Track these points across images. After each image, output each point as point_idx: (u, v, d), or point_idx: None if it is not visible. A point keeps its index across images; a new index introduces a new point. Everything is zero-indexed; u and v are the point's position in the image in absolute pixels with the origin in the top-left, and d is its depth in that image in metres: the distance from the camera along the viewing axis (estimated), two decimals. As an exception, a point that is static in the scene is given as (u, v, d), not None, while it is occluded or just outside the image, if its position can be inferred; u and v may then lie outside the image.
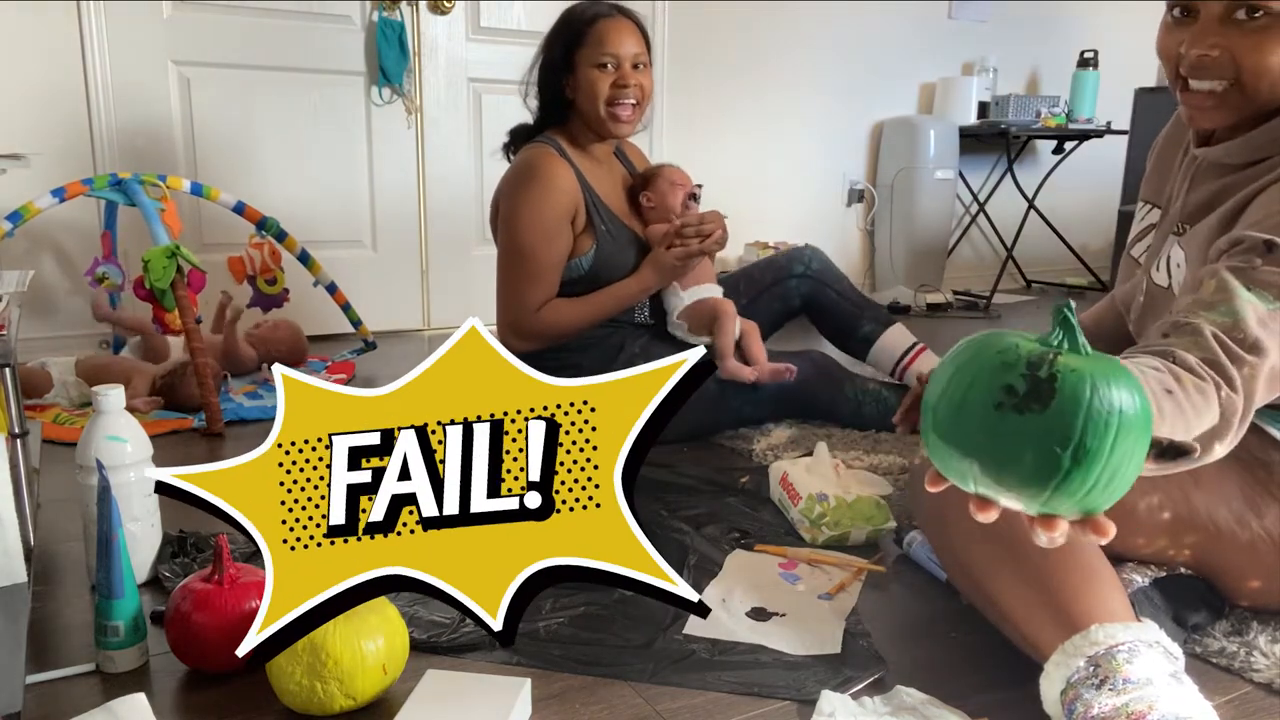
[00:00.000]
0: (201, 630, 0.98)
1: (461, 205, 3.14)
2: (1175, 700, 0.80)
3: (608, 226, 1.83)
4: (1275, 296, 0.85)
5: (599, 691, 0.99)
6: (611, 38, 1.75)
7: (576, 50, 1.77)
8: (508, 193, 1.80)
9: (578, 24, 1.77)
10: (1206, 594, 1.09)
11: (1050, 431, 0.58)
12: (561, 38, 1.79)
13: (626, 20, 1.79)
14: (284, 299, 2.52)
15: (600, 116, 1.77)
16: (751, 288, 2.05)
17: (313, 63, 2.82)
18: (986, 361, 0.62)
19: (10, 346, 1.23)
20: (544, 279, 1.79)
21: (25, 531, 1.18)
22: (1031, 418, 0.59)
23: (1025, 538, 0.96)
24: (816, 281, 2.05)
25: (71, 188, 2.13)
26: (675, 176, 1.92)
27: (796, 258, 2.08)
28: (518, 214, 1.77)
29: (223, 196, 2.38)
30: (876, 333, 2.02)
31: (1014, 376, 0.60)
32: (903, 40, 3.89)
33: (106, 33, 2.53)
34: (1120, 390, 0.60)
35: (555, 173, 1.76)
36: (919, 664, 1.05)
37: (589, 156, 1.86)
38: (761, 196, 3.69)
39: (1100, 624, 0.86)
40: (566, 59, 1.78)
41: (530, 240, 1.77)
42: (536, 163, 1.77)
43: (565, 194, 1.76)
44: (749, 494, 1.58)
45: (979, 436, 0.61)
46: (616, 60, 1.75)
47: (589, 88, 1.76)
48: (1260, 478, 1.03)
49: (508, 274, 1.81)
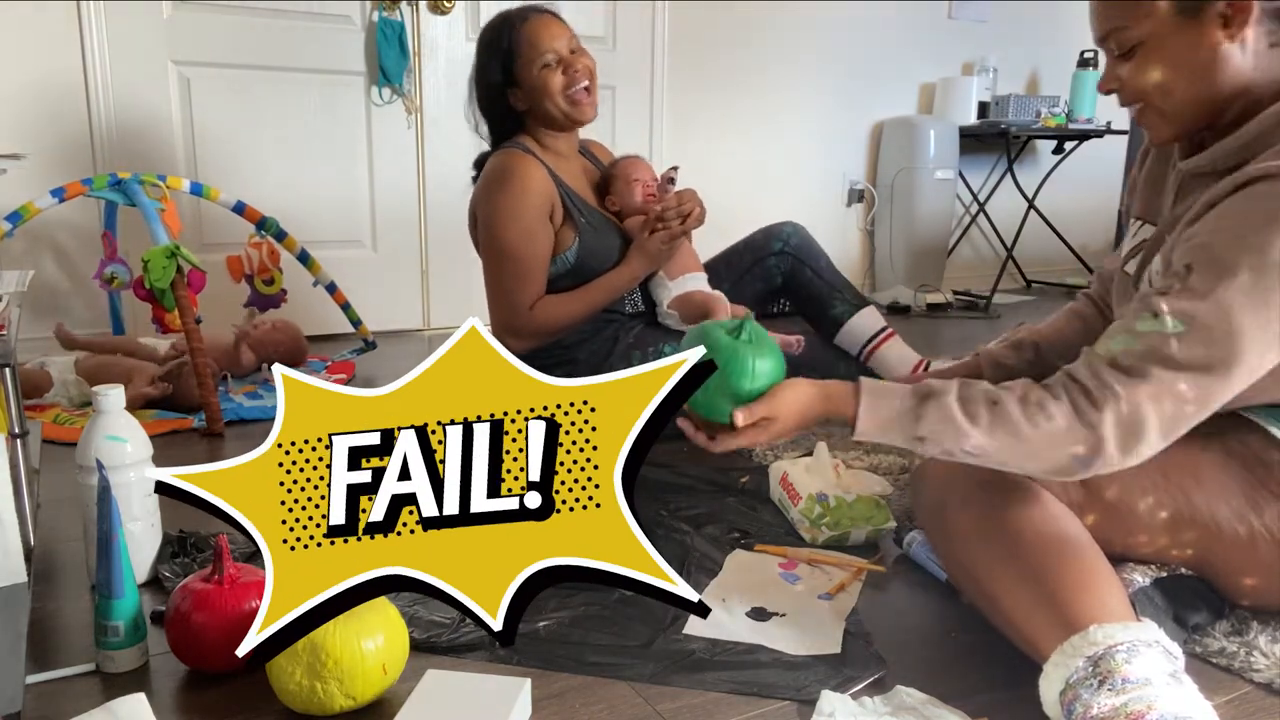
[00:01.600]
0: (201, 630, 0.98)
1: (461, 205, 3.08)
2: (1174, 700, 0.80)
3: (586, 218, 1.84)
4: (1179, 320, 0.90)
5: (599, 691, 0.99)
6: (543, 37, 1.76)
7: (514, 64, 1.77)
8: (484, 198, 1.81)
9: (505, 41, 1.78)
10: (1207, 594, 1.09)
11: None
12: (494, 60, 1.79)
13: (544, 14, 1.79)
14: (281, 299, 2.52)
15: (562, 109, 1.78)
16: (732, 271, 2.05)
17: (313, 63, 2.82)
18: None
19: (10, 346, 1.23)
20: (532, 277, 1.79)
21: (25, 531, 1.18)
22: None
23: (1025, 538, 0.97)
24: (795, 259, 2.04)
25: (71, 188, 2.13)
26: (631, 171, 1.92)
27: (775, 234, 2.07)
28: (496, 216, 1.78)
29: (222, 196, 2.38)
30: (847, 314, 2.00)
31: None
32: (903, 40, 3.89)
33: (106, 33, 2.53)
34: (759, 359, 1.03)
35: (528, 172, 1.77)
36: (919, 664, 1.05)
37: (555, 154, 1.87)
38: (761, 196, 3.68)
39: (1099, 624, 0.87)
40: (506, 76, 1.79)
41: (513, 239, 1.77)
42: (508, 164, 1.78)
43: (540, 192, 1.77)
44: (749, 494, 1.58)
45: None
46: (557, 55, 1.76)
47: (542, 89, 1.77)
48: (1261, 476, 1.03)
49: (496, 276, 1.82)
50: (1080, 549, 0.96)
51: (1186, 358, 0.89)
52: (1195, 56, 0.97)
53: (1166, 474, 1.03)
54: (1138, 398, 0.89)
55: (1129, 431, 0.90)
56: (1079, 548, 0.96)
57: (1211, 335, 0.89)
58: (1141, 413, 0.90)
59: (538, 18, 1.79)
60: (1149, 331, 0.91)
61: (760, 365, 1.02)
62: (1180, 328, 0.89)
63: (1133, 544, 1.07)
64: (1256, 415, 1.06)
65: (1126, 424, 0.90)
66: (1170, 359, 0.89)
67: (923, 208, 3.80)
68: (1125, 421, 0.90)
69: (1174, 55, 0.98)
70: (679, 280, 1.90)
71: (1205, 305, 0.89)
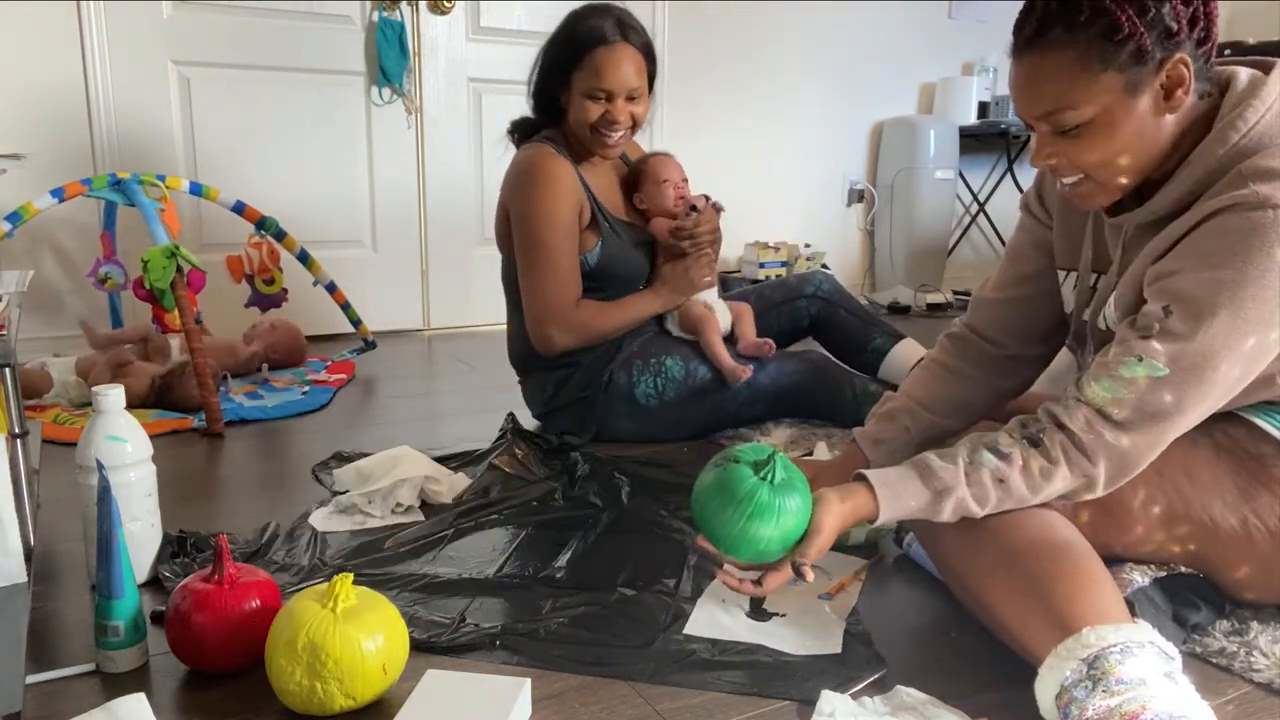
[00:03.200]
0: (201, 630, 0.98)
1: (461, 205, 3.14)
2: (1169, 700, 0.80)
3: (610, 223, 1.84)
4: (1164, 364, 0.95)
5: (599, 691, 0.99)
6: (608, 71, 1.71)
7: (573, 70, 1.75)
8: (517, 195, 1.79)
9: (579, 45, 1.73)
10: (1207, 592, 1.09)
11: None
12: (562, 51, 1.76)
13: (627, 47, 1.73)
14: (282, 299, 2.52)
15: (586, 136, 1.78)
16: (762, 303, 2.07)
17: (313, 63, 2.82)
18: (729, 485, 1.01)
19: (10, 346, 1.23)
20: (573, 275, 1.80)
21: (25, 531, 1.18)
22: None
23: (1018, 546, 0.98)
24: (826, 302, 2.07)
25: (70, 188, 2.13)
26: (661, 171, 1.92)
27: (808, 279, 2.10)
28: (534, 213, 1.76)
29: (222, 196, 2.38)
30: (888, 345, 2.03)
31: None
32: (903, 40, 3.90)
33: (106, 33, 2.53)
34: (788, 498, 1.00)
35: (558, 172, 1.76)
36: (919, 664, 1.05)
37: (583, 156, 1.86)
38: (761, 196, 3.69)
39: (1092, 626, 0.87)
40: (564, 73, 1.77)
41: (552, 237, 1.76)
42: (539, 161, 1.77)
43: (572, 190, 1.77)
44: (749, 494, 1.58)
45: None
46: (609, 92, 1.73)
47: (579, 111, 1.76)
48: (1253, 469, 1.04)
49: (538, 273, 1.79)
50: (1072, 552, 0.96)
51: (1174, 400, 0.95)
52: (1141, 129, 0.99)
53: (1159, 470, 1.04)
54: (1129, 447, 0.97)
55: (1119, 474, 0.99)
56: (1071, 551, 0.97)
57: (1199, 377, 0.95)
58: (1132, 459, 0.98)
59: (617, 45, 1.72)
60: (1135, 378, 0.96)
61: (792, 503, 0.99)
62: (1165, 371, 0.95)
63: (1130, 542, 1.07)
64: (1244, 411, 1.07)
65: (1118, 468, 0.98)
66: (1160, 410, 0.96)
67: (923, 208, 3.80)
68: (1117, 467, 0.98)
69: (1121, 131, 0.99)
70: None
71: (1191, 347, 0.94)
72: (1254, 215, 0.93)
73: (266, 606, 1.00)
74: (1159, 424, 0.96)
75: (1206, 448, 1.06)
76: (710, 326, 1.87)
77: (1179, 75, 0.96)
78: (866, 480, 1.03)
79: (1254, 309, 0.93)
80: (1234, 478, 1.05)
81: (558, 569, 1.27)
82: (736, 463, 1.01)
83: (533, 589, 1.21)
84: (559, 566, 1.27)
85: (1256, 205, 0.93)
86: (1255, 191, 0.93)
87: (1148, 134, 0.99)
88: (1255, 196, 0.93)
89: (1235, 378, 0.96)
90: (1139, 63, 0.95)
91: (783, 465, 1.01)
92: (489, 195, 3.14)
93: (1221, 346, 0.94)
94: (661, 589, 1.21)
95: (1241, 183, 0.95)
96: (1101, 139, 0.99)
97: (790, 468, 1.02)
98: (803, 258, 3.50)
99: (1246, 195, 0.94)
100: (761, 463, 1.01)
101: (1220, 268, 0.94)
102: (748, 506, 0.98)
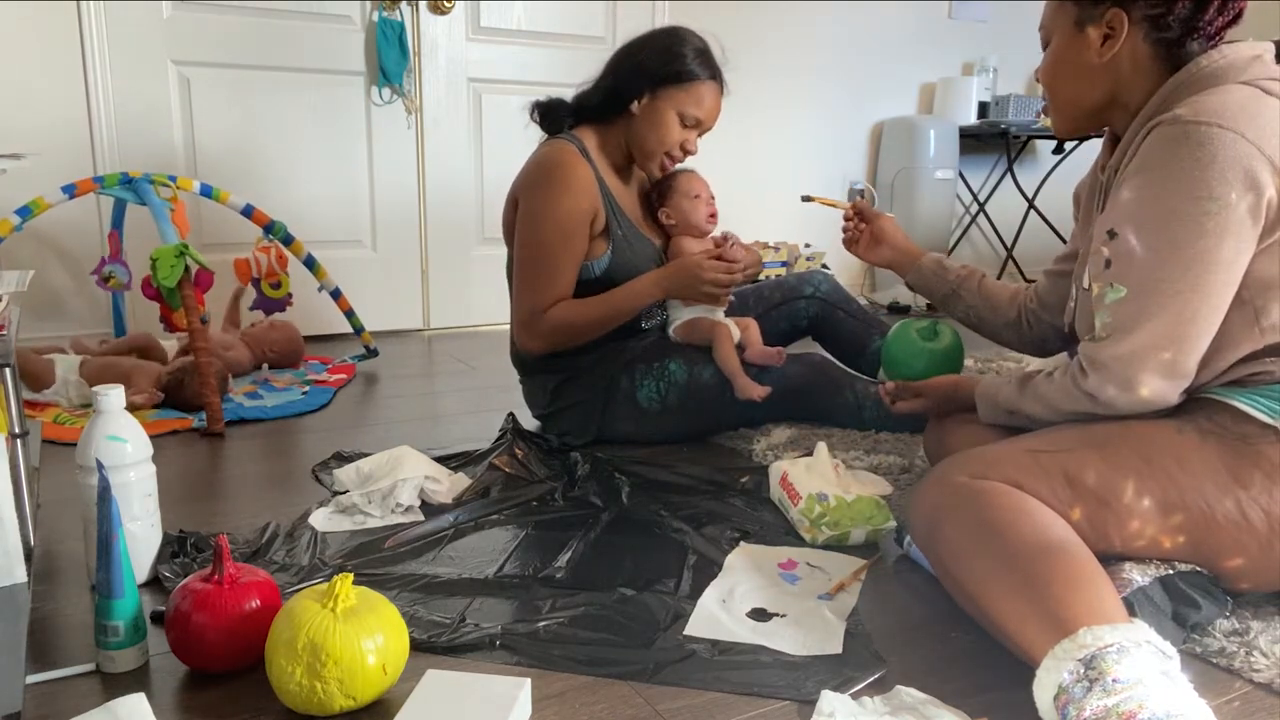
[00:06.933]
0: (201, 630, 0.98)
1: (461, 205, 3.14)
2: (1166, 698, 0.80)
3: (624, 232, 1.83)
4: (1121, 284, 1.08)
5: (599, 691, 0.99)
6: (710, 105, 1.79)
7: (672, 86, 1.76)
8: (529, 189, 1.79)
9: (689, 68, 1.76)
10: (1208, 590, 1.08)
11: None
12: (666, 62, 1.76)
13: (720, 88, 1.82)
14: (287, 303, 2.51)
15: (650, 154, 1.81)
16: (762, 303, 2.06)
17: (313, 63, 2.82)
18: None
19: (10, 346, 1.23)
20: (561, 278, 1.78)
21: (25, 531, 1.18)
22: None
23: (1015, 550, 0.98)
24: (825, 303, 2.06)
25: (82, 184, 2.13)
26: (691, 188, 1.92)
27: (807, 280, 2.10)
28: (539, 211, 1.76)
29: (232, 199, 2.38)
30: None
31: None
32: (903, 40, 3.90)
33: (106, 33, 2.53)
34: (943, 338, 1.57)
35: (577, 173, 1.75)
36: (919, 664, 1.05)
37: (610, 161, 1.86)
38: (762, 196, 3.69)
39: (1088, 626, 0.87)
40: (656, 83, 1.77)
41: (550, 238, 1.76)
42: (560, 160, 1.76)
43: (586, 195, 1.76)
44: (749, 494, 1.58)
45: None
46: (699, 124, 1.79)
47: (661, 129, 1.77)
48: (1240, 449, 1.05)
49: (526, 271, 1.79)
50: (1068, 553, 0.97)
51: (1139, 308, 1.06)
52: (1078, 66, 1.17)
53: (1148, 459, 1.05)
54: (1110, 357, 1.08)
55: (1108, 381, 1.09)
56: (1066, 552, 0.97)
57: (1154, 276, 1.05)
58: (1117, 369, 1.08)
59: (717, 89, 1.81)
60: (1106, 304, 1.09)
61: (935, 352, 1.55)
62: (1123, 291, 1.07)
63: (1127, 535, 1.07)
64: (1218, 394, 1.09)
65: (1106, 377, 1.09)
66: (1129, 318, 1.07)
67: (923, 208, 3.80)
68: (1104, 376, 1.09)
69: (1064, 60, 1.19)
70: (692, 307, 1.88)
71: (1137, 259, 1.06)
72: (1169, 130, 1.04)
73: (266, 606, 1.00)
74: (1133, 332, 1.06)
75: (1192, 434, 1.07)
76: (724, 338, 1.84)
77: (1116, 26, 1.12)
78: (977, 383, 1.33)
79: (1180, 202, 1.02)
80: (1223, 460, 1.05)
81: (558, 569, 1.27)
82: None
83: (533, 589, 1.22)
84: (559, 566, 1.28)
85: (1172, 122, 1.05)
86: (1175, 115, 1.05)
87: (1084, 74, 1.17)
88: (1173, 118, 1.05)
89: (1195, 275, 1.03)
90: (1093, 2, 1.14)
91: (943, 328, 1.58)
92: (489, 195, 3.14)
93: (1161, 262, 1.04)
94: (661, 589, 1.21)
95: (1170, 114, 1.06)
96: (1051, 62, 1.21)
97: (948, 332, 1.57)
98: (802, 258, 3.50)
99: (1166, 118, 1.06)
100: (927, 329, 1.57)
101: (1143, 175, 1.06)
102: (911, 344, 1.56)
